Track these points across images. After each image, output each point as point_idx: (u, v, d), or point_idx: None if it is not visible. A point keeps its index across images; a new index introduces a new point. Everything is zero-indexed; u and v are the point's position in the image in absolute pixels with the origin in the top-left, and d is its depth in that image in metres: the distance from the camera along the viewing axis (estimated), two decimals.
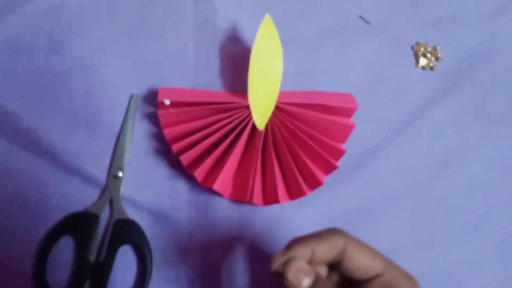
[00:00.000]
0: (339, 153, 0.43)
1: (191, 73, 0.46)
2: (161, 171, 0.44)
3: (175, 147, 0.42)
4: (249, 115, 0.41)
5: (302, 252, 0.29)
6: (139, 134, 0.45)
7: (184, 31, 0.46)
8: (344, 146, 0.45)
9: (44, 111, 0.44)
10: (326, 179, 0.44)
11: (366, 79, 0.47)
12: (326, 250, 0.30)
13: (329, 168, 0.43)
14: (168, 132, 0.42)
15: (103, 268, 0.41)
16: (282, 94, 0.42)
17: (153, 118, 0.45)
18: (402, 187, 0.45)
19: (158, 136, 0.44)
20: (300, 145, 0.42)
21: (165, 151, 0.44)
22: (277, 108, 0.42)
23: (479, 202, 0.46)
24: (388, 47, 0.48)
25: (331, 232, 0.31)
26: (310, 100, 0.43)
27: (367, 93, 0.47)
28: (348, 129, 0.44)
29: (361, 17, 0.48)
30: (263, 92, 0.41)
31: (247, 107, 0.41)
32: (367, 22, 0.48)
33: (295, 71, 0.46)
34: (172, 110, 0.42)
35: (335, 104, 0.43)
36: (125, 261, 0.42)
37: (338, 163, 0.43)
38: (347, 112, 0.44)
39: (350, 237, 0.31)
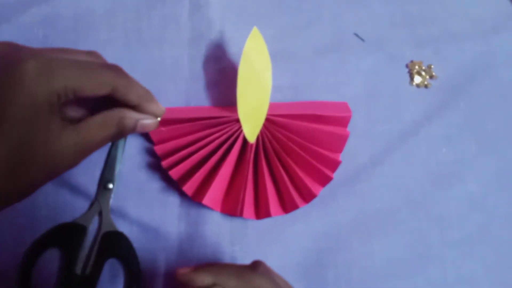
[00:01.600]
0: (335, 164, 0.43)
1: (185, 86, 0.46)
2: (152, 184, 0.44)
3: (165, 163, 0.42)
4: (240, 129, 0.41)
5: (203, 279, 0.33)
6: (132, 148, 0.44)
7: (179, 44, 0.47)
8: (341, 159, 0.44)
9: None
10: (320, 194, 0.44)
11: (361, 94, 0.47)
12: (231, 286, 0.33)
13: (324, 179, 0.43)
14: (159, 149, 0.42)
15: (89, 282, 0.40)
16: (273, 106, 0.42)
17: (147, 134, 0.44)
18: (397, 203, 0.45)
19: (150, 150, 0.44)
20: (293, 157, 0.41)
21: (158, 165, 0.43)
22: (268, 120, 0.42)
23: (475, 218, 0.45)
24: (383, 64, 0.48)
25: (248, 269, 0.35)
26: (302, 111, 0.43)
27: (362, 108, 0.47)
28: (343, 138, 0.43)
29: (356, 34, 0.48)
30: (252, 104, 0.41)
31: (237, 120, 0.41)
32: (362, 40, 0.48)
33: (290, 86, 0.46)
34: (162, 128, 0.41)
35: (328, 114, 0.43)
36: (112, 274, 0.42)
37: (333, 176, 0.43)
38: (342, 121, 0.44)
39: (268, 278, 0.34)
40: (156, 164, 0.44)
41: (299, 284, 0.43)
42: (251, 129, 0.40)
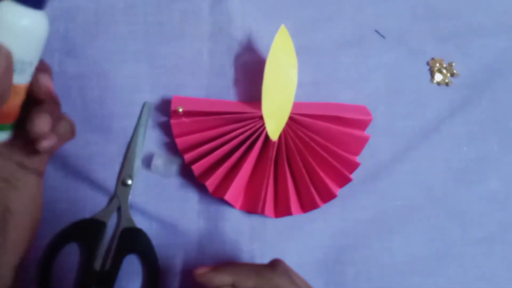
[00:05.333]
0: (354, 166, 0.43)
1: (205, 81, 0.45)
2: (171, 180, 0.43)
3: (187, 157, 0.41)
4: (263, 126, 0.40)
5: (222, 279, 0.33)
6: (150, 142, 0.44)
7: (199, 39, 0.46)
8: (358, 158, 0.44)
9: None
10: (339, 190, 0.43)
11: (381, 91, 0.47)
12: (250, 285, 0.33)
13: (343, 180, 0.43)
14: (181, 142, 0.41)
15: (108, 277, 0.40)
16: (296, 105, 0.42)
17: (164, 127, 0.44)
18: (417, 200, 0.45)
19: (169, 145, 0.44)
20: (314, 157, 0.41)
21: None
22: (291, 119, 0.41)
23: (496, 216, 0.45)
24: (404, 59, 0.48)
25: (267, 268, 0.34)
26: (324, 112, 0.42)
27: (382, 105, 0.46)
28: (363, 141, 0.43)
29: (376, 31, 0.48)
30: (277, 102, 0.40)
31: (261, 117, 0.40)
32: (383, 36, 0.48)
33: (310, 82, 0.46)
34: (185, 120, 0.41)
35: (350, 116, 0.43)
36: (131, 271, 0.42)
37: (351, 175, 0.43)
38: (362, 124, 0.44)
39: (287, 277, 0.33)
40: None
41: (319, 281, 0.43)
42: (274, 126, 0.40)
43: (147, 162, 0.43)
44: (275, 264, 0.35)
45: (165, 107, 0.44)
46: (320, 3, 0.48)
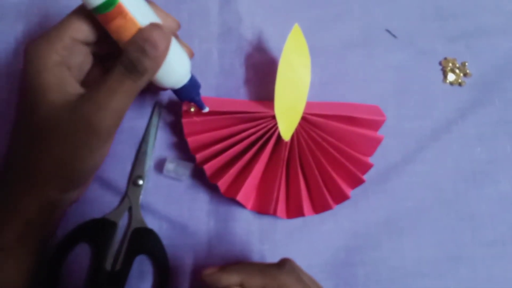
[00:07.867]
0: (366, 167, 0.42)
1: (215, 81, 0.45)
2: (182, 180, 0.43)
3: (198, 156, 0.41)
4: (275, 126, 0.40)
5: (229, 279, 0.33)
6: (160, 142, 0.44)
7: (209, 39, 0.46)
8: (369, 159, 0.44)
9: None
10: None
11: (392, 91, 0.46)
12: (257, 284, 0.33)
13: (356, 182, 0.42)
14: (192, 141, 0.41)
15: (119, 277, 0.40)
16: (308, 104, 0.41)
17: (174, 127, 0.44)
18: (428, 202, 0.44)
19: (179, 145, 0.44)
20: (327, 158, 0.41)
21: (187, 160, 0.43)
22: (304, 119, 0.41)
23: (507, 218, 0.45)
24: (414, 60, 0.47)
25: (274, 267, 0.34)
26: (337, 112, 0.42)
27: (393, 106, 0.46)
28: (376, 142, 0.43)
29: (388, 31, 0.47)
30: (290, 102, 0.40)
31: (273, 117, 0.40)
32: (394, 36, 0.47)
33: (320, 82, 0.46)
34: (196, 119, 0.41)
35: (363, 116, 0.42)
36: (141, 271, 0.42)
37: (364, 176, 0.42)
38: (375, 124, 0.43)
39: (294, 275, 0.33)
40: (184, 159, 0.43)
41: (328, 282, 0.42)
42: (286, 127, 0.40)
43: (159, 166, 0.43)
44: (282, 263, 0.35)
45: (174, 107, 0.44)
46: (329, 3, 0.48)
